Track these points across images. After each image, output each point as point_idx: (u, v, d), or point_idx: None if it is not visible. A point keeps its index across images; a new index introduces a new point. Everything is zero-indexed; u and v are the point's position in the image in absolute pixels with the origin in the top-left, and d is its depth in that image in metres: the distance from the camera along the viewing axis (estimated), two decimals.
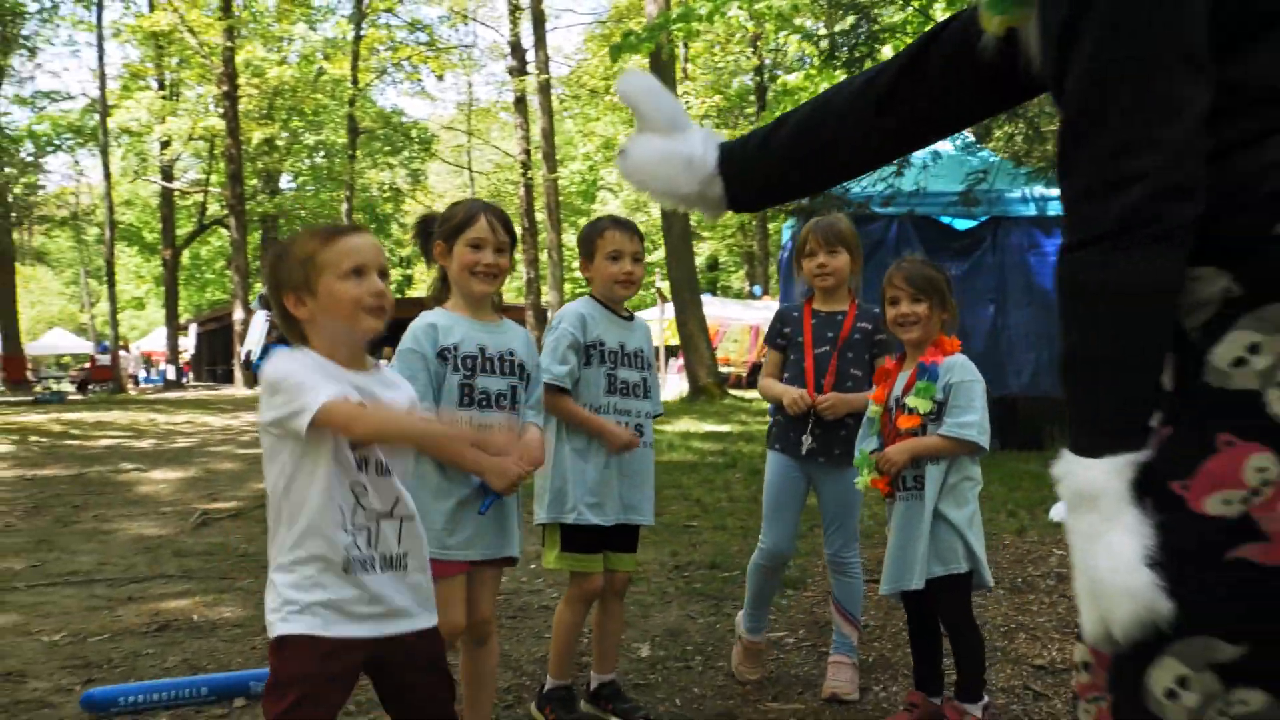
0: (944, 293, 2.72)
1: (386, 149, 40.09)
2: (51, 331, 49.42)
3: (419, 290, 56.90)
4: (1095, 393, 1.24)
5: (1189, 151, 1.15)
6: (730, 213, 1.81)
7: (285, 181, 39.82)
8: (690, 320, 16.81)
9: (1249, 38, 1.18)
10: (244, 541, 5.69)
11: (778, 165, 1.72)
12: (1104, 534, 1.18)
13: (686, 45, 23.76)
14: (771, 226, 37.55)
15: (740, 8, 13.81)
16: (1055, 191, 9.89)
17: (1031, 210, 10.18)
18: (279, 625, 1.75)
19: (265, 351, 6.09)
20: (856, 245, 3.10)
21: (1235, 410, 1.16)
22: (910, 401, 2.67)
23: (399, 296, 46.47)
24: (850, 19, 10.16)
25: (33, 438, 12.31)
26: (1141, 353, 1.20)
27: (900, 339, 2.79)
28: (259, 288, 37.12)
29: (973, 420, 2.58)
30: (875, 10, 9.83)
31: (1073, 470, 1.24)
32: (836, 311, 3.08)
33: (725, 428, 12.36)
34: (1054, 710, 2.92)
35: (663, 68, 16.66)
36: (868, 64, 9.87)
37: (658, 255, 44.39)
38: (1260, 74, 1.18)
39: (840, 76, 10.21)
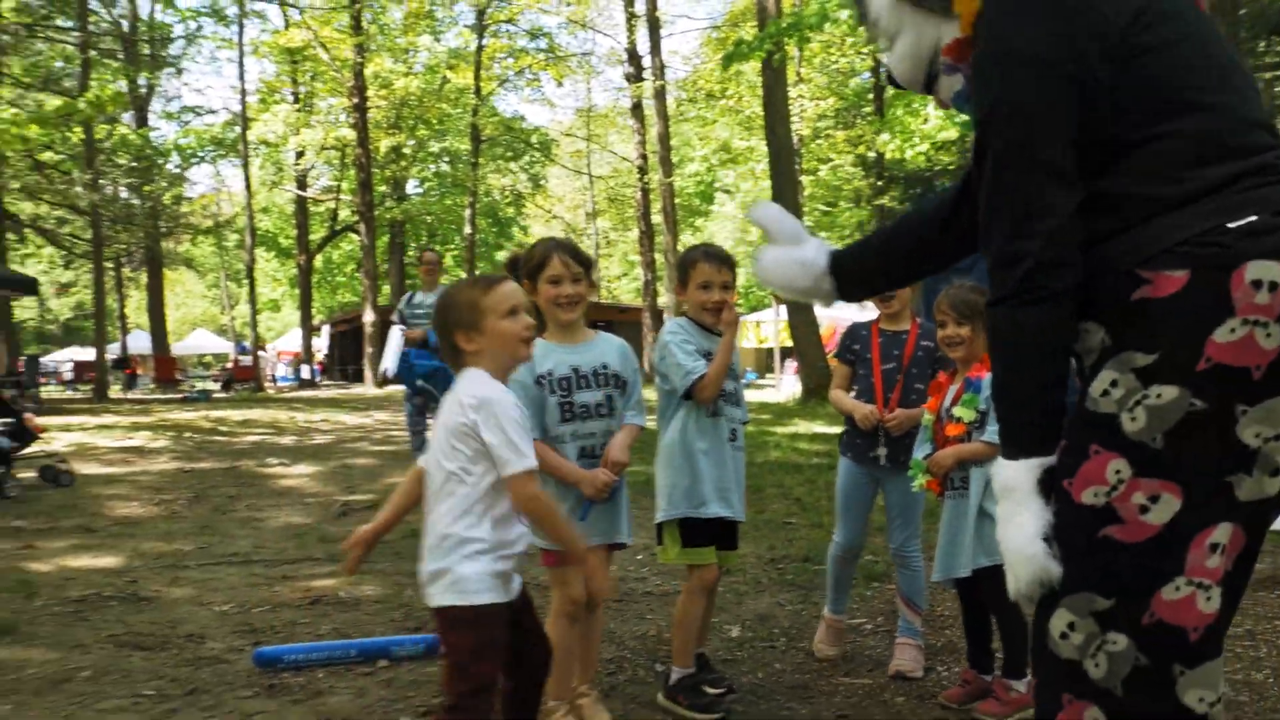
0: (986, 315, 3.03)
1: (508, 154, 41.22)
2: (195, 332, 52.19)
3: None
4: (1011, 412, 1.66)
5: (1060, 238, 1.55)
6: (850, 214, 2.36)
7: (411, 187, 41.34)
8: (802, 323, 17.04)
9: (1113, 160, 1.58)
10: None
11: (873, 268, 2.26)
12: (1015, 516, 1.60)
13: (800, 49, 23.89)
14: (886, 219, 37.28)
15: (846, 11, 14.00)
16: None
17: None
18: (478, 596, 2.18)
19: (406, 365, 6.73)
20: None
21: (1101, 428, 1.54)
22: (957, 412, 3.01)
23: None
24: None
25: (186, 434, 13.36)
26: (1040, 382, 1.60)
27: (949, 357, 3.12)
28: (386, 292, 38.58)
29: None
30: None
31: (1000, 469, 1.66)
32: (901, 331, 3.42)
33: (833, 429, 12.59)
34: None
35: (775, 73, 16.93)
36: None
37: None
38: (1122, 185, 1.57)
39: None
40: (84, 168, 21.87)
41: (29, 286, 19.59)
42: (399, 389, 8.00)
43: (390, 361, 7.72)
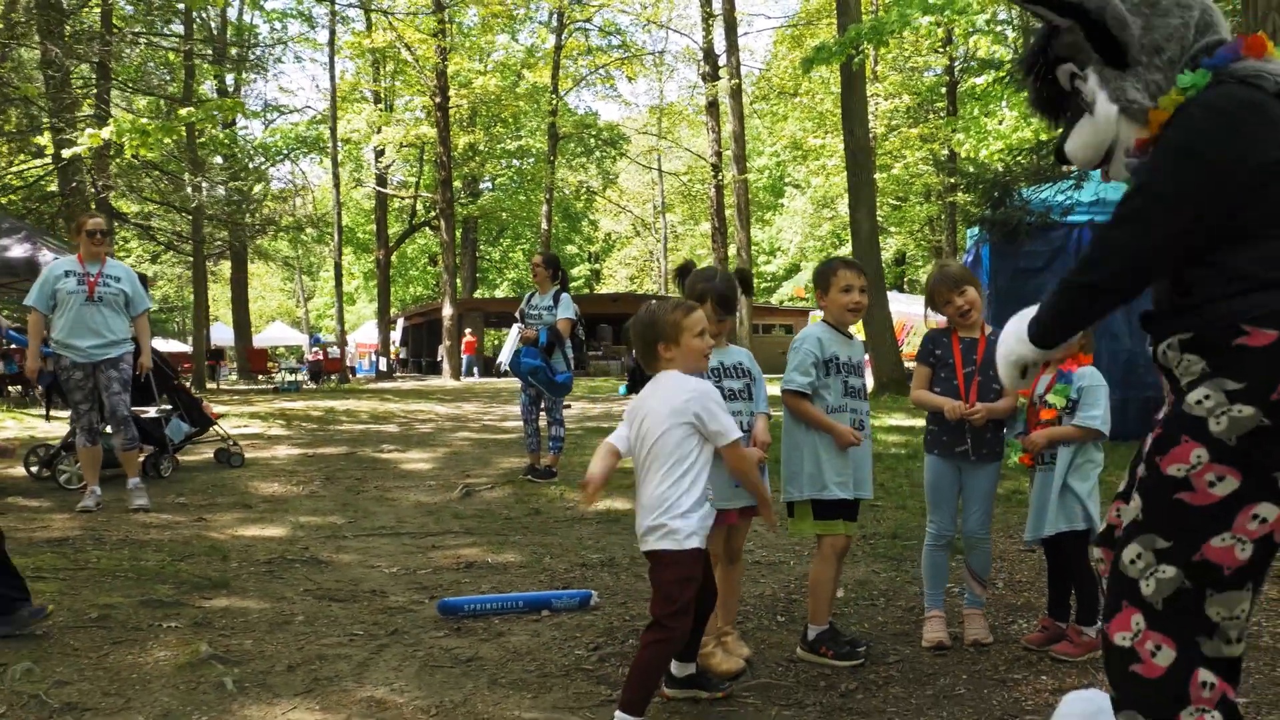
0: None
1: (580, 150, 42.06)
2: (272, 325, 53.84)
3: (608, 286, 58.99)
4: (1046, 325, 2.34)
5: (1124, 279, 2.21)
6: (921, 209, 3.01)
7: (485, 186, 42.36)
8: (876, 318, 17.48)
9: (1242, 243, 2.16)
10: (503, 508, 6.97)
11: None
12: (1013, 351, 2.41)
13: (876, 49, 24.24)
14: (960, 219, 37.36)
15: (927, 16, 14.37)
16: None
17: None
18: (693, 540, 2.87)
19: (516, 360, 7.40)
20: (975, 278, 3.93)
21: (1193, 425, 2.14)
22: (1050, 398, 3.61)
23: (588, 293, 48.58)
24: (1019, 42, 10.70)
25: (295, 422, 14.27)
26: (1066, 330, 2.33)
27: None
28: (460, 285, 39.42)
29: (1097, 414, 3.54)
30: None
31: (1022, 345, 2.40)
32: (975, 338, 3.88)
33: (908, 422, 13.09)
34: None
35: (853, 75, 17.36)
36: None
37: (845, 249, 44.57)
38: (1243, 263, 2.15)
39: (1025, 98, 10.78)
40: (189, 168, 22.97)
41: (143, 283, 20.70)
42: (481, 382, 8.66)
43: (505, 356, 8.40)
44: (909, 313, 25.74)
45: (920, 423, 12.72)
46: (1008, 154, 17.05)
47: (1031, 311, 2.49)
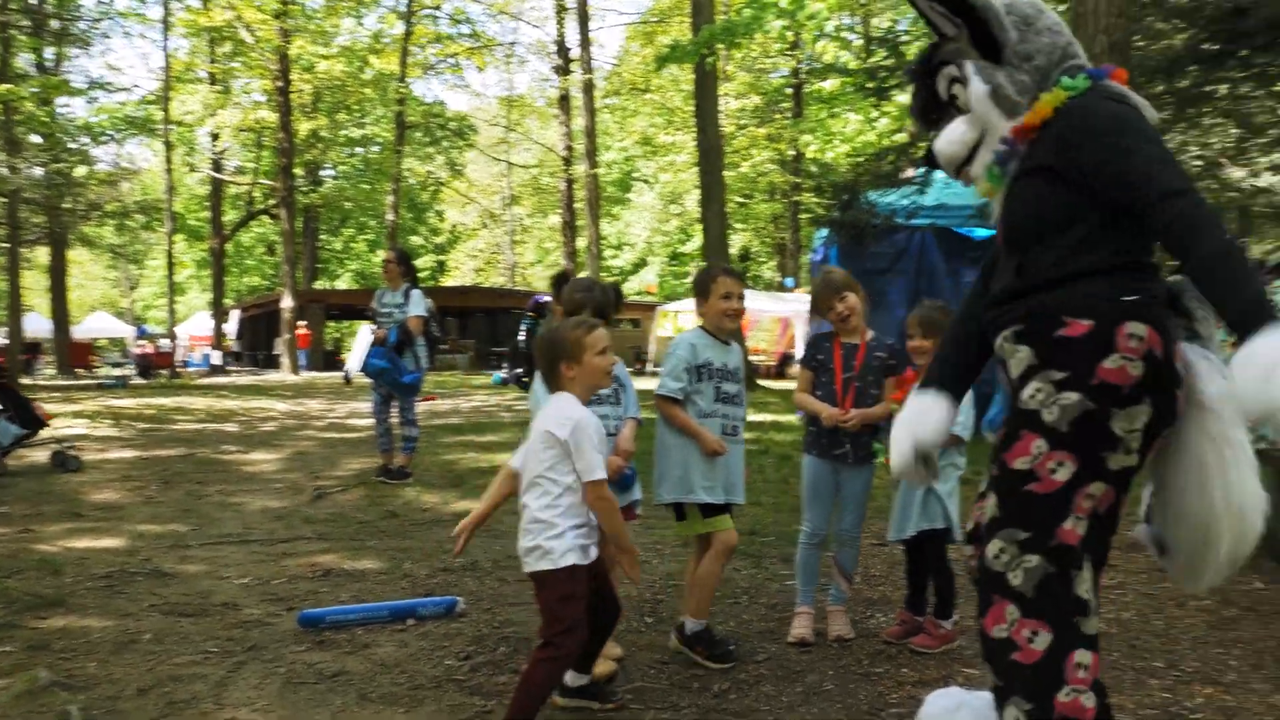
0: (945, 329, 3.73)
1: (426, 140, 41.25)
2: (93, 315, 50.85)
3: (454, 278, 58.16)
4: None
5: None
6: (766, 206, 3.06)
7: (327, 173, 41.12)
8: None
9: (1069, 227, 2.32)
10: (357, 512, 6.78)
11: (965, 364, 2.78)
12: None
13: (728, 49, 24.67)
14: (803, 218, 38.43)
15: (779, 21, 14.68)
16: None
17: None
18: (569, 558, 2.84)
19: (377, 360, 7.16)
20: (857, 285, 4.02)
21: (1029, 419, 2.30)
22: None
23: (432, 285, 47.75)
24: (882, 53, 11.11)
25: (125, 421, 13.54)
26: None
27: (915, 362, 3.84)
28: (300, 277, 38.16)
29: (959, 421, 3.64)
30: (903, 45, 10.79)
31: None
32: (856, 344, 3.97)
33: (758, 417, 13.35)
34: None
35: (706, 75, 17.60)
36: (895, 93, 10.86)
37: (693, 245, 45.13)
38: (1065, 247, 2.33)
39: (872, 104, 11.20)
40: (4, 147, 21.46)
41: None
42: (323, 377, 8.38)
43: (354, 363, 8.12)
44: (754, 308, 26.29)
45: (771, 418, 13.09)
46: (852, 156, 17.65)
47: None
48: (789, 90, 34.05)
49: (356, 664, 3.66)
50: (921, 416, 2.69)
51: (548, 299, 17.51)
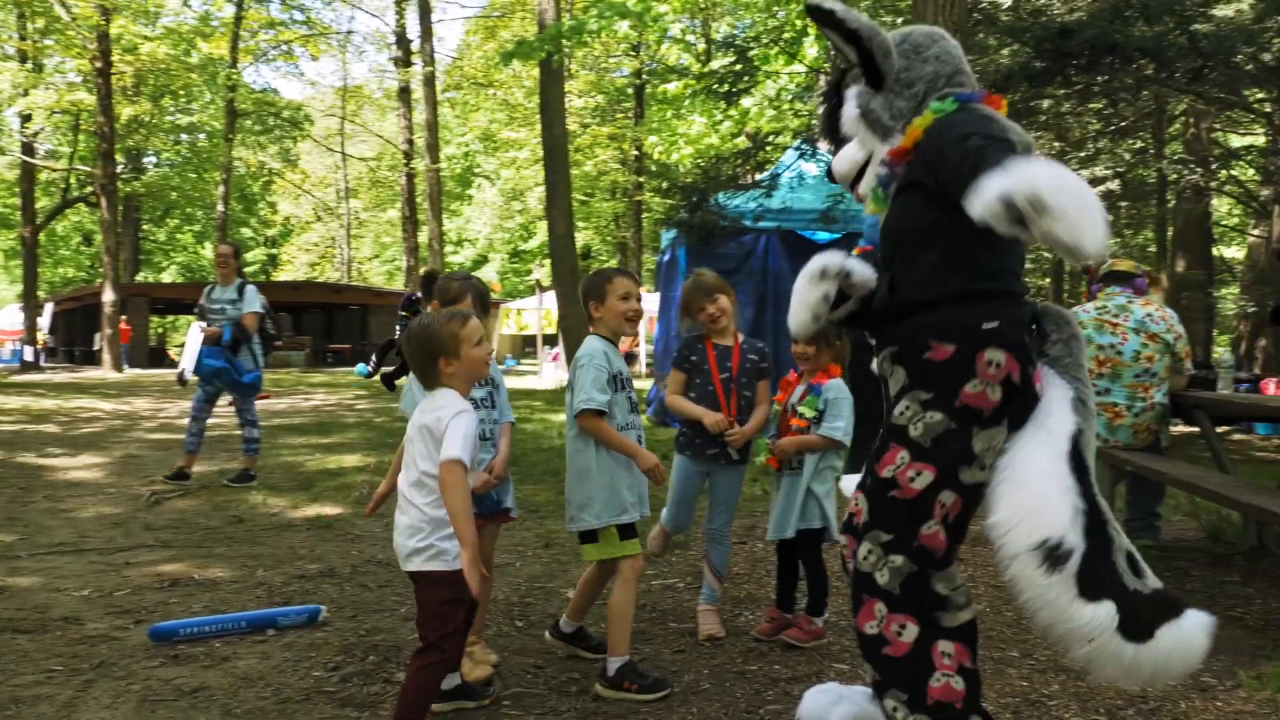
0: (829, 337, 3.82)
1: (257, 128, 39.74)
2: None
3: (286, 272, 56.23)
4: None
5: None
6: (607, 205, 3.17)
7: (151, 160, 39.12)
8: (573, 314, 17.82)
9: (935, 244, 2.47)
10: (201, 517, 6.48)
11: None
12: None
13: (573, 48, 24.67)
14: (648, 219, 38.80)
15: (626, 21, 14.80)
16: None
17: None
18: (456, 562, 2.76)
19: (213, 359, 6.76)
20: (729, 288, 4.03)
21: (897, 433, 2.47)
22: (800, 409, 3.83)
23: (265, 280, 46.01)
24: (727, 57, 11.34)
25: None
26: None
27: (800, 367, 3.93)
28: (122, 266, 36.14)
29: (840, 426, 3.79)
30: (750, 51, 11.05)
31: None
32: (729, 346, 3.98)
33: None
34: None
35: (552, 73, 17.56)
36: (744, 99, 11.12)
37: (534, 242, 44.91)
38: (931, 267, 2.46)
39: (718, 107, 11.43)
40: None
41: None
42: (148, 374, 7.93)
43: (188, 361, 7.64)
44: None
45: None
46: (696, 158, 17.93)
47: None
48: (630, 90, 34.40)
49: (217, 679, 3.50)
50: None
51: (418, 295, 17.24)
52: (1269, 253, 12.78)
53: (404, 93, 29.07)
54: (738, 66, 10.93)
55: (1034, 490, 2.30)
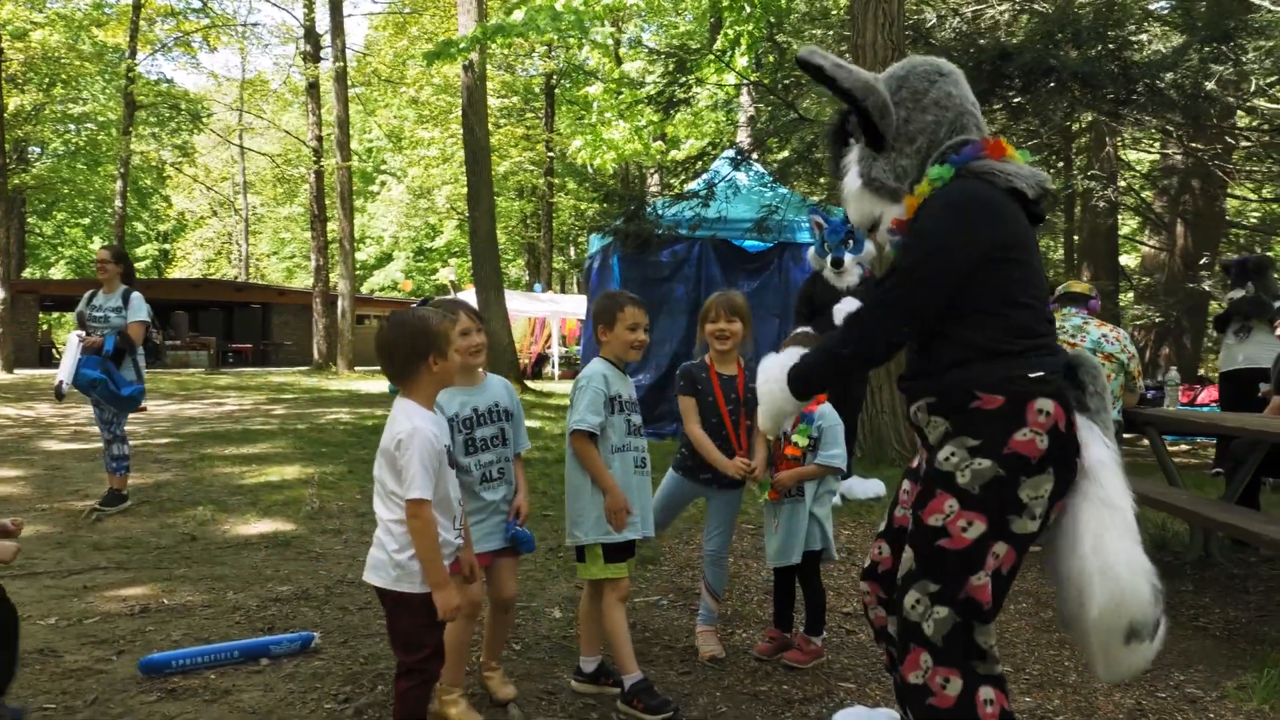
0: None
1: (155, 121, 38.41)
2: None
3: (181, 269, 54.49)
4: (807, 382, 2.71)
5: (883, 351, 2.62)
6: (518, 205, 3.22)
7: (35, 151, 37.50)
8: (494, 318, 17.70)
9: (977, 320, 2.50)
10: (150, 535, 6.27)
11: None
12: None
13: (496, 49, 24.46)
14: (557, 221, 38.73)
15: (550, 24, 14.72)
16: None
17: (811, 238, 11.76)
18: (423, 585, 2.74)
19: (90, 370, 6.40)
20: (750, 317, 4.03)
21: (943, 480, 2.49)
22: (794, 438, 3.89)
23: (154, 278, 44.37)
24: (665, 66, 11.42)
25: None
26: (821, 383, 2.70)
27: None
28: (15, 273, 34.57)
29: (837, 453, 3.89)
30: (689, 62, 11.14)
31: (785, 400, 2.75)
32: (733, 375, 3.99)
33: (534, 424, 13.38)
34: (860, 641, 4.24)
35: (476, 75, 17.40)
36: (683, 109, 11.21)
37: (441, 241, 44.39)
38: (979, 337, 2.50)
39: (659, 116, 11.50)
40: None
41: None
42: (42, 374, 7.58)
43: (66, 372, 7.12)
44: (511, 309, 26.25)
45: (545, 424, 13.14)
46: (619, 163, 17.98)
47: (783, 360, 2.76)
48: (538, 90, 34.28)
49: (222, 713, 3.42)
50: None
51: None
52: (1173, 263, 13.41)
53: (312, 88, 28.39)
54: (682, 77, 11.01)
55: (1123, 581, 2.37)
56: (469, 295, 26.03)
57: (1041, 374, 2.46)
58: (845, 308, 7.45)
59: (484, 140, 17.77)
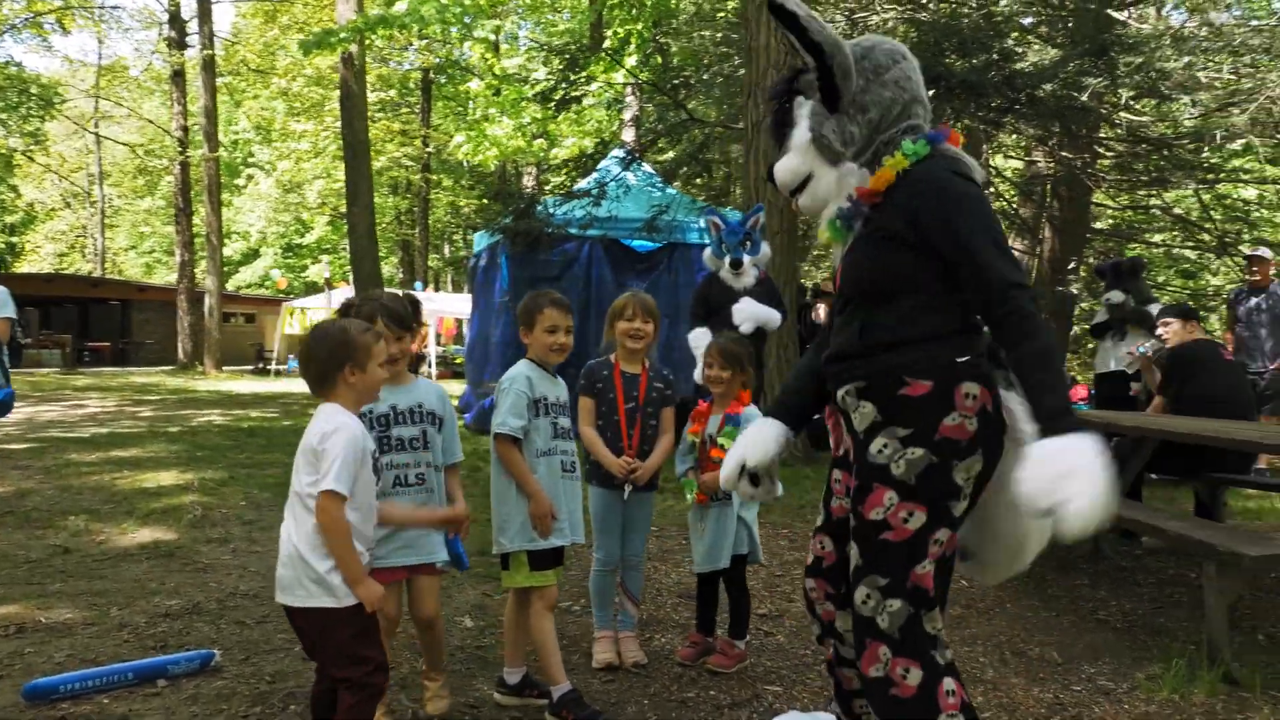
0: (744, 363, 3.88)
1: (2, 106, 36.33)
2: None
3: (30, 263, 51.63)
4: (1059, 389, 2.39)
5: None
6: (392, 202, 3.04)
7: None
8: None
9: (899, 298, 2.51)
10: (18, 548, 5.87)
11: (804, 406, 3.01)
12: (1091, 483, 2.22)
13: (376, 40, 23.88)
14: (433, 217, 38.11)
15: (435, 15, 14.44)
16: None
17: (702, 238, 11.82)
18: (348, 597, 2.62)
19: None
20: (659, 320, 4.01)
21: (879, 473, 2.48)
22: (720, 440, 3.83)
23: (1, 272, 41.89)
24: (555, 63, 11.31)
25: None
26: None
27: (711, 391, 3.94)
28: None
29: None
30: (581, 59, 11.06)
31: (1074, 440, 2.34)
32: (636, 374, 3.95)
33: None
34: (779, 643, 4.24)
35: (355, 68, 16.96)
36: (574, 107, 11.13)
37: (312, 237, 43.21)
38: (913, 318, 2.49)
39: (548, 114, 11.39)
40: None
41: None
42: None
43: None
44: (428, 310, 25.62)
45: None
46: (500, 156, 17.77)
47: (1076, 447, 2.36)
48: (412, 85, 33.63)
49: None
50: (755, 438, 2.90)
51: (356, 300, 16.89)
52: (1048, 268, 13.95)
53: (177, 76, 27.22)
54: (572, 74, 10.90)
55: (1036, 473, 2.23)
56: (343, 294, 25.41)
57: (968, 358, 2.47)
58: (744, 308, 7.49)
59: (363, 134, 17.32)
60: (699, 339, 7.58)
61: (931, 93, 8.47)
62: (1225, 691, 3.62)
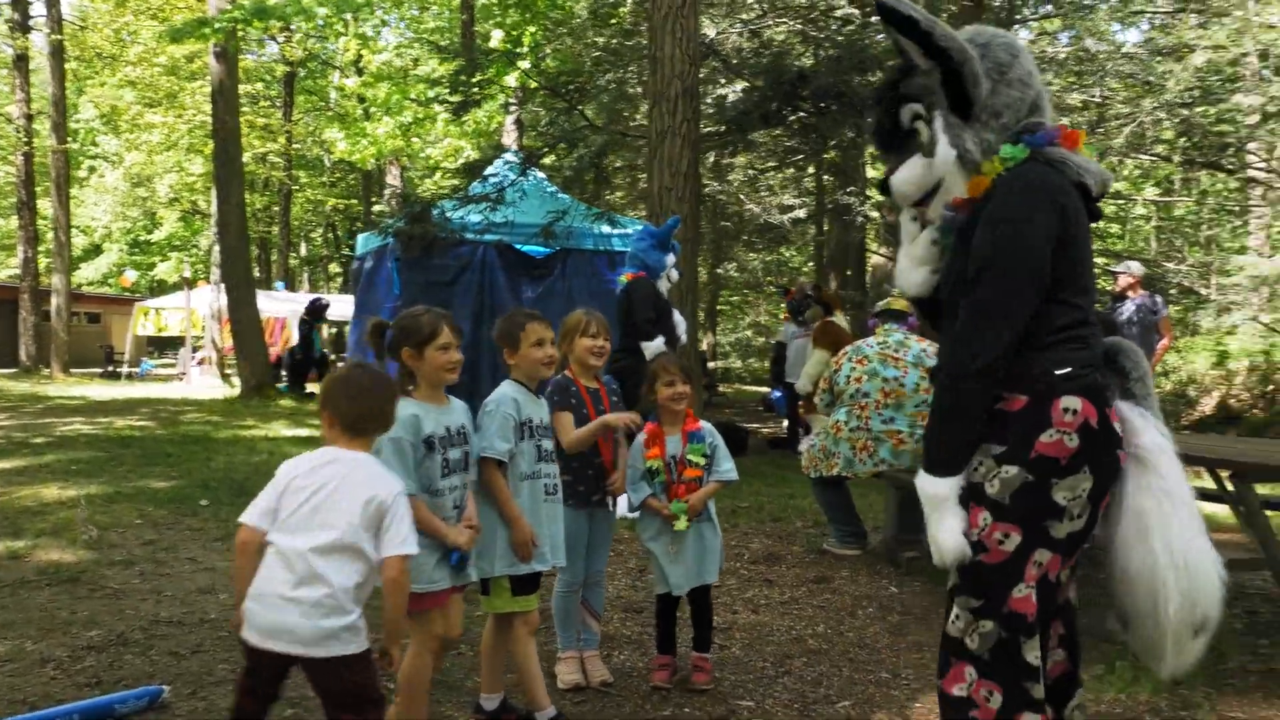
0: (695, 378, 3.91)
1: None
2: None
3: None
4: (948, 446, 2.47)
5: (1004, 354, 2.37)
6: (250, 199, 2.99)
7: None
8: (244, 318, 16.66)
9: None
10: None
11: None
12: (944, 519, 2.43)
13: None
14: (294, 211, 36.96)
15: (324, 9, 13.99)
16: (615, 231, 11.66)
17: (595, 245, 11.85)
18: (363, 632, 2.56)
19: None
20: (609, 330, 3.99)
21: (973, 492, 2.46)
22: (691, 458, 3.85)
23: None
24: (447, 65, 11.13)
25: None
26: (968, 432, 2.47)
27: (672, 409, 3.92)
28: None
29: (730, 466, 3.90)
30: (481, 61, 10.91)
31: (928, 483, 2.47)
32: (596, 388, 3.91)
33: (304, 432, 12.68)
34: (736, 655, 4.29)
35: (228, 60, 16.30)
36: (475, 111, 10.97)
37: (161, 234, 41.32)
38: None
39: (433, 112, 11.19)
40: None
41: None
42: None
43: None
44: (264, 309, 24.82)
45: (318, 432, 12.44)
46: (378, 155, 17.38)
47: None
48: (274, 79, 32.52)
49: None
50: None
51: (326, 300, 16.87)
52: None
53: (21, 61, 25.59)
54: (478, 77, 10.72)
55: (1198, 577, 2.34)
56: (204, 293, 24.40)
57: (1068, 370, 2.37)
58: (680, 319, 7.35)
59: (234, 129, 16.67)
60: (659, 351, 7.42)
61: (833, 107, 8.72)
62: (1169, 690, 3.83)
